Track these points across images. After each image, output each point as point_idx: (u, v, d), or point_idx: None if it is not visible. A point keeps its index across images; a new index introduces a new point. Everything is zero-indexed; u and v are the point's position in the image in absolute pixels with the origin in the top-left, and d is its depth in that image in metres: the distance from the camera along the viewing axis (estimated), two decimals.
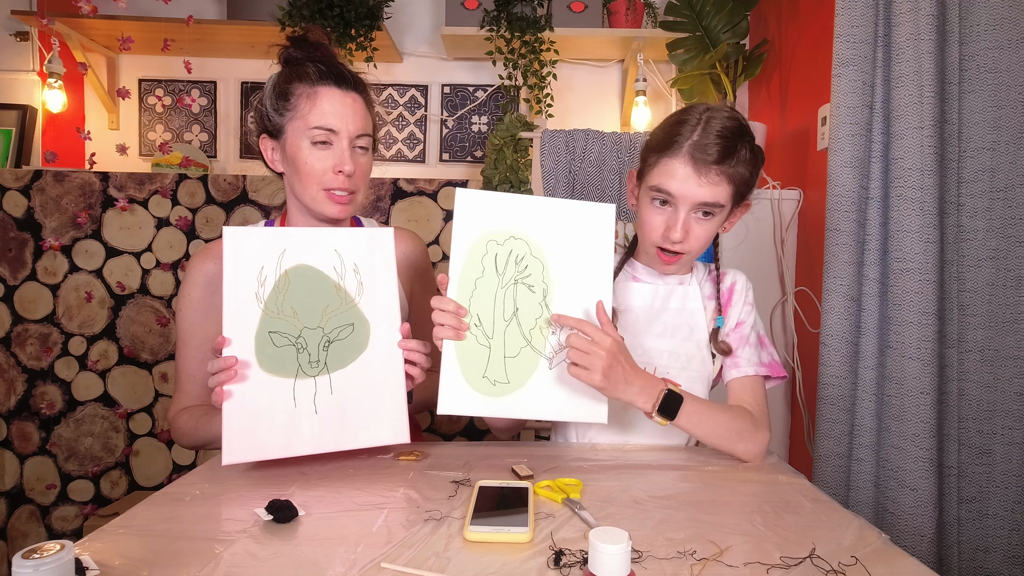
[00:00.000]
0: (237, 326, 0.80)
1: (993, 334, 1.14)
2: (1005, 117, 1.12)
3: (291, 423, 0.81)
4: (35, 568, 0.45)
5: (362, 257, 0.87)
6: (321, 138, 0.96)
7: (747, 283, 1.03)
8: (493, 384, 0.83)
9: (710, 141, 0.86)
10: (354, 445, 0.84)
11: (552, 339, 0.84)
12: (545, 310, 0.84)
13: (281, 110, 0.98)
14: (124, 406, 1.89)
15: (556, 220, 0.85)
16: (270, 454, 0.80)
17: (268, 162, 1.04)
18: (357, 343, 0.85)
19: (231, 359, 0.78)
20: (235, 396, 0.79)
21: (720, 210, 0.90)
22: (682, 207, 0.89)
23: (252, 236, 0.82)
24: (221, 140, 2.31)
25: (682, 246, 0.90)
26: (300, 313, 0.83)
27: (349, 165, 0.96)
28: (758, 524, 0.68)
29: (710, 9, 1.82)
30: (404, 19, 2.25)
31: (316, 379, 0.83)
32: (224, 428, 0.78)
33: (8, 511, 1.86)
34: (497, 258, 0.83)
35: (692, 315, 0.99)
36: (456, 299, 0.82)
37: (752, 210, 1.72)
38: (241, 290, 0.80)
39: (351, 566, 0.57)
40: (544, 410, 0.84)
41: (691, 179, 0.87)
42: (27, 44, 2.11)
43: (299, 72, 0.98)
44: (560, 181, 1.86)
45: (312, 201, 0.98)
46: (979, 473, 1.15)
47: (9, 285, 1.85)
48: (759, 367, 0.98)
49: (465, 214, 0.83)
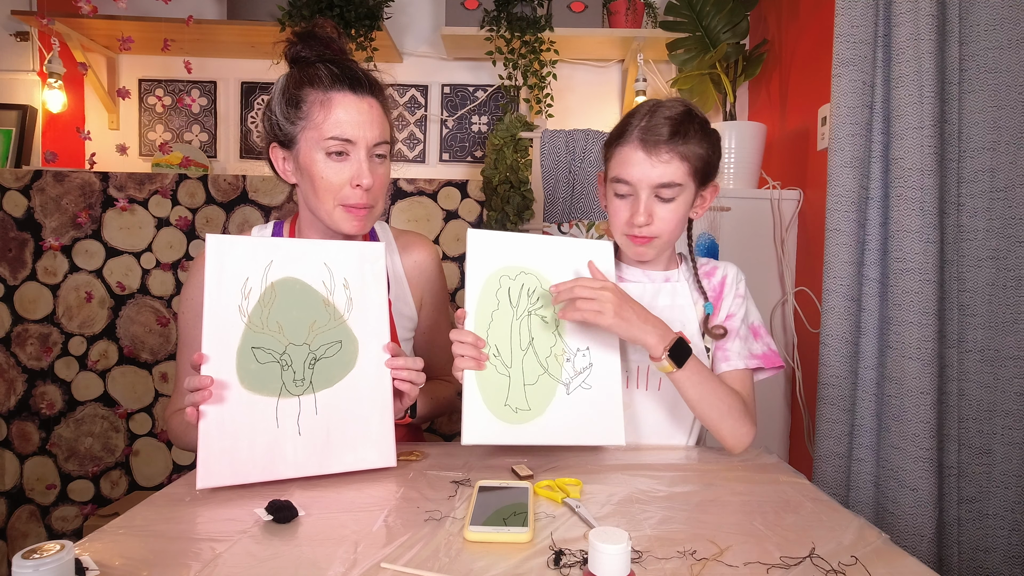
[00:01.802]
0: (218, 340, 0.75)
1: (993, 334, 1.14)
2: (1005, 117, 1.12)
3: (273, 445, 0.76)
4: (35, 568, 0.45)
5: (352, 272, 0.84)
6: (337, 148, 0.91)
7: (738, 274, 1.03)
8: (515, 411, 0.84)
9: (657, 123, 0.90)
10: (339, 468, 0.80)
11: (568, 366, 0.87)
12: (559, 339, 0.88)
13: (293, 119, 0.92)
14: (124, 406, 1.89)
15: (560, 256, 0.91)
16: (250, 478, 0.75)
17: (279, 172, 0.98)
18: (345, 361, 0.82)
19: (206, 379, 0.73)
20: (213, 416, 0.74)
21: (679, 190, 0.92)
22: (642, 191, 0.92)
23: (237, 245, 0.78)
24: (221, 140, 2.31)
25: (649, 229, 0.93)
26: (286, 328, 0.79)
27: (367, 178, 0.91)
28: (758, 524, 0.68)
29: (710, 9, 1.82)
30: (404, 19, 2.25)
31: (301, 398, 0.78)
32: (200, 449, 0.73)
33: (8, 511, 1.86)
34: (511, 292, 0.87)
35: (682, 311, 0.99)
36: (474, 331, 0.84)
37: (752, 210, 1.73)
38: (224, 302, 0.76)
39: (351, 566, 0.57)
40: (565, 435, 0.86)
41: (644, 162, 0.90)
42: (27, 44, 2.11)
43: (310, 76, 0.92)
44: (560, 181, 1.86)
45: (328, 216, 0.94)
46: (979, 473, 1.15)
47: (9, 285, 1.85)
48: (749, 359, 0.98)
49: (477, 252, 0.87)
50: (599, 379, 0.89)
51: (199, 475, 0.73)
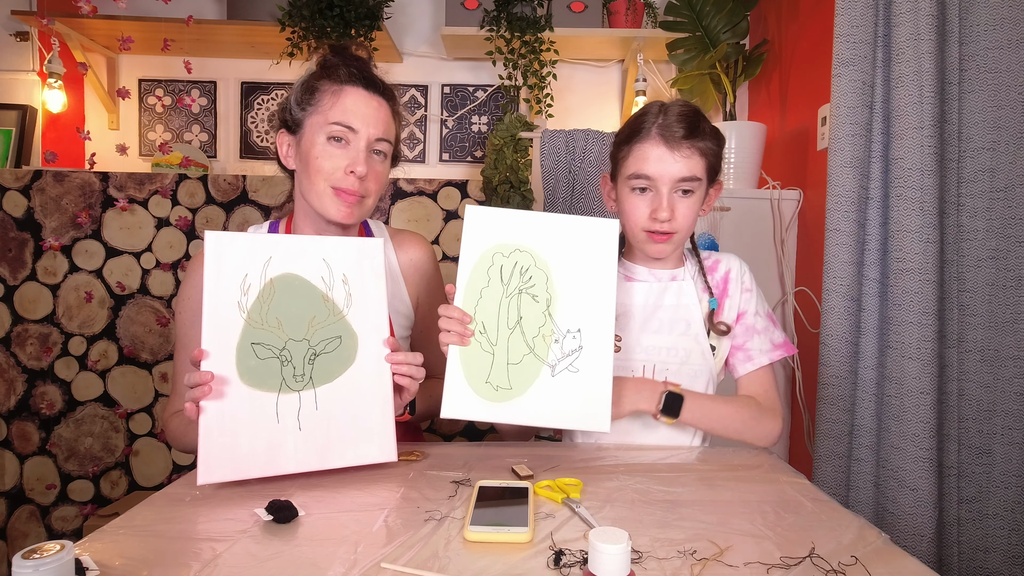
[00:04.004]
0: (217, 336, 0.75)
1: (993, 334, 1.14)
2: (1005, 117, 1.12)
3: (273, 440, 0.77)
4: (35, 568, 0.45)
5: (351, 267, 0.84)
6: (338, 134, 0.94)
7: (741, 267, 1.03)
8: (496, 390, 0.84)
9: (673, 120, 0.92)
10: (339, 463, 0.80)
11: (556, 347, 0.85)
12: (548, 320, 0.86)
13: (304, 104, 0.96)
14: (124, 406, 1.89)
15: (561, 235, 0.88)
16: (251, 473, 0.75)
17: (281, 158, 1.02)
18: (344, 357, 0.82)
19: (207, 374, 0.74)
20: (213, 411, 0.74)
21: (698, 184, 0.93)
22: (663, 186, 0.93)
23: (236, 242, 0.78)
24: (221, 140, 2.30)
25: (670, 225, 0.93)
26: (285, 324, 0.79)
27: (362, 167, 0.93)
28: (758, 524, 0.68)
29: (710, 9, 1.82)
30: (404, 19, 2.25)
31: (301, 394, 0.79)
32: (200, 445, 0.73)
33: (8, 511, 1.86)
34: (503, 269, 0.86)
35: (688, 310, 0.99)
36: (462, 307, 0.84)
37: (752, 210, 1.73)
38: (223, 298, 0.76)
39: (351, 566, 0.57)
40: (546, 417, 0.85)
41: (666, 157, 0.92)
42: (27, 44, 2.11)
43: (329, 72, 0.96)
44: (560, 181, 1.86)
45: (318, 198, 0.95)
46: (979, 473, 1.15)
47: (9, 285, 1.85)
48: (773, 352, 0.98)
49: (473, 229, 0.86)
50: (588, 362, 0.85)
51: (200, 471, 0.73)
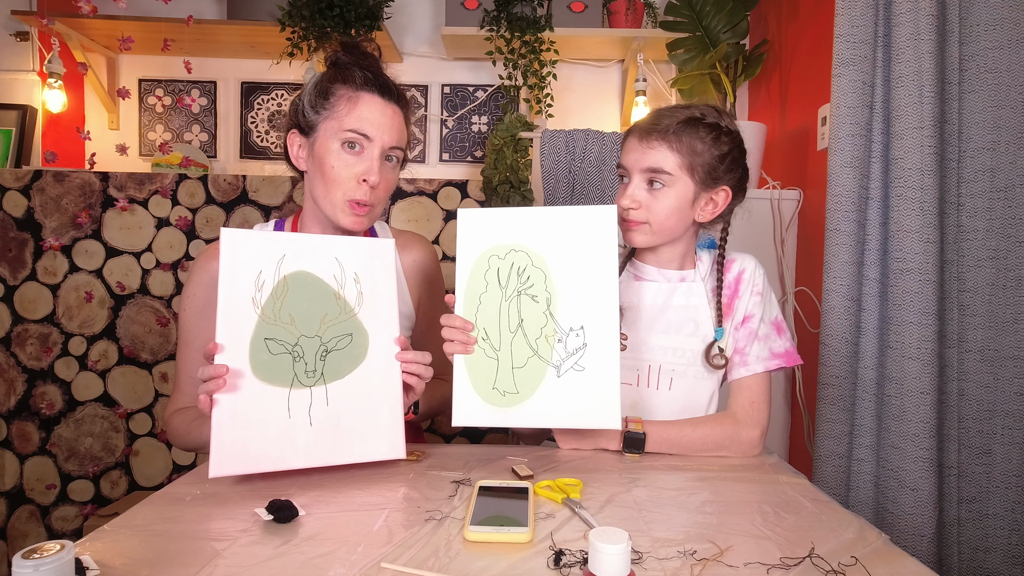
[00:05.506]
0: (231, 331, 0.77)
1: (993, 334, 1.14)
2: (1005, 117, 1.12)
3: (284, 435, 0.78)
4: (35, 568, 0.45)
5: (363, 266, 0.86)
6: (353, 140, 0.94)
7: (756, 268, 1.02)
8: (503, 395, 0.84)
9: (654, 116, 0.97)
10: (349, 459, 0.81)
11: (559, 347, 0.85)
12: (549, 319, 0.85)
13: (318, 107, 0.96)
14: (124, 406, 1.88)
15: (557, 228, 0.86)
16: (261, 467, 0.77)
17: (292, 158, 1.01)
18: (355, 354, 0.84)
19: (222, 367, 0.75)
20: (226, 405, 0.75)
21: (668, 179, 0.95)
22: (634, 176, 0.97)
23: (251, 239, 0.80)
24: (221, 140, 2.30)
25: (637, 214, 0.96)
26: (298, 320, 0.81)
27: (375, 176, 0.94)
28: (758, 524, 0.68)
29: (710, 9, 1.82)
30: (404, 19, 2.25)
31: (312, 389, 0.80)
32: (213, 438, 0.74)
33: (8, 511, 1.86)
34: (499, 272, 0.85)
35: (696, 311, 0.99)
36: (462, 315, 0.85)
37: (752, 210, 1.73)
38: (237, 294, 0.78)
39: (351, 566, 0.57)
40: (556, 418, 0.84)
41: (636, 148, 0.97)
42: (27, 44, 2.11)
43: (344, 75, 0.96)
44: (560, 181, 1.86)
45: (332, 208, 0.96)
46: (979, 473, 1.15)
47: (9, 285, 1.85)
48: (769, 360, 0.97)
49: (467, 232, 0.86)
50: (594, 360, 0.83)
51: (212, 463, 0.74)
